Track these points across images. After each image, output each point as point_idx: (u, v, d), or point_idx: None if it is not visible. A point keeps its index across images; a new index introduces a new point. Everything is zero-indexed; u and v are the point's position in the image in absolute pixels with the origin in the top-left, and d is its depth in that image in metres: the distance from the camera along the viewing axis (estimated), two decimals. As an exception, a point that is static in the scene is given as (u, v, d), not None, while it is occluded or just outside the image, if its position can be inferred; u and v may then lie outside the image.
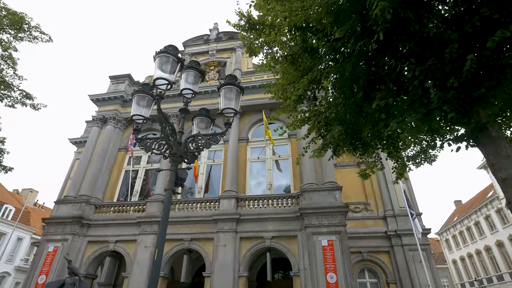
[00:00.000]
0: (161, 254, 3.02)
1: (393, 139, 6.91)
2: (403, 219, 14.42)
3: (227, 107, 3.91)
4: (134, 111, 3.82)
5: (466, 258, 33.77)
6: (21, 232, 26.67)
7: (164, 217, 3.25)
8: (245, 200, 12.23)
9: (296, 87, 5.05)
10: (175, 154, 3.55)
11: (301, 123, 6.98)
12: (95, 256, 12.05)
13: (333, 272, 9.75)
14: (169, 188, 3.38)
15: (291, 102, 5.93)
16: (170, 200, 3.40)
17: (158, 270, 2.99)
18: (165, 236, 3.19)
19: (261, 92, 15.07)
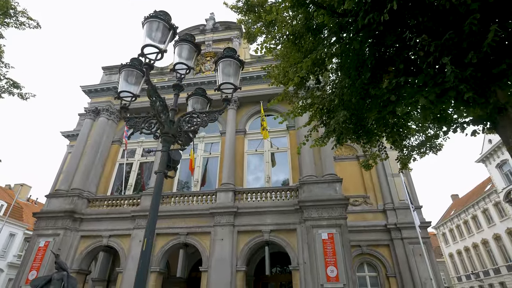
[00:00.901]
0: (150, 244, 2.68)
1: (399, 127, 6.61)
2: (403, 212, 14.22)
3: (226, 82, 3.53)
4: (121, 88, 3.43)
5: (463, 252, 33.93)
6: (13, 227, 26.16)
7: (154, 203, 2.90)
8: (243, 193, 11.91)
9: (299, 67, 4.68)
10: (167, 133, 3.18)
11: (302, 110, 6.62)
12: (88, 251, 11.68)
13: (334, 265, 9.49)
14: (160, 171, 3.02)
15: (293, 86, 5.55)
16: (161, 184, 3.05)
17: (147, 262, 2.66)
18: (155, 224, 2.85)
19: (259, 83, 14.73)
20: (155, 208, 2.91)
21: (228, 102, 3.52)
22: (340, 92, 4.96)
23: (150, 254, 2.65)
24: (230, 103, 14.36)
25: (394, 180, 15.28)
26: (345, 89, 4.85)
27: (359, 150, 17.11)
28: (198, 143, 14.48)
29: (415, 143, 7.65)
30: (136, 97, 3.41)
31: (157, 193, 3.01)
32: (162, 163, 3.07)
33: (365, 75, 4.60)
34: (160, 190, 3.02)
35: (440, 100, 4.25)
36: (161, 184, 3.07)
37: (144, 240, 2.70)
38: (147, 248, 2.66)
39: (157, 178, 3.08)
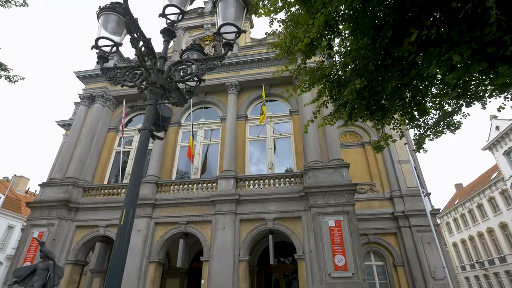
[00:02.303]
0: (129, 218, 2.14)
1: (416, 102, 6.01)
2: (410, 199, 13.72)
3: (227, 23, 2.91)
4: (99, 34, 2.83)
5: (467, 241, 33.58)
6: (12, 220, 25.83)
7: (137, 167, 2.34)
8: (245, 180, 11.37)
9: (310, 26, 4.06)
10: (154, 83, 2.59)
11: (310, 85, 6.00)
12: (84, 242, 11.23)
13: (342, 254, 9.01)
14: (145, 128, 2.45)
15: (301, 54, 4.92)
16: (146, 144, 2.48)
17: (126, 239, 2.11)
18: (137, 193, 2.30)
19: (261, 66, 14.08)
20: (137, 172, 2.35)
21: (230, 48, 2.91)
22: (356, 54, 4.33)
23: (130, 230, 2.12)
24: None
25: (401, 166, 14.74)
26: (362, 50, 4.23)
27: (364, 136, 16.55)
28: (198, 129, 13.90)
29: (431, 121, 7.06)
30: (118, 46, 2.81)
31: (141, 153, 2.45)
32: (148, 119, 2.50)
33: (387, 32, 3.98)
34: (145, 151, 2.46)
35: (475, 59, 3.64)
36: (146, 144, 2.50)
37: (123, 211, 2.16)
38: (126, 222, 2.11)
39: (141, 136, 2.51)
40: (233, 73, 14.15)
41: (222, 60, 2.96)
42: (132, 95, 14.69)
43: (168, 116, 2.68)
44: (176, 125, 14.01)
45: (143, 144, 2.47)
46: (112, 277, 1.93)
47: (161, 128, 2.65)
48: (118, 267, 1.99)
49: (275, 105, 13.98)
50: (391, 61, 4.71)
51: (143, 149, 2.46)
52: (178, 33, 16.88)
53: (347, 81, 5.65)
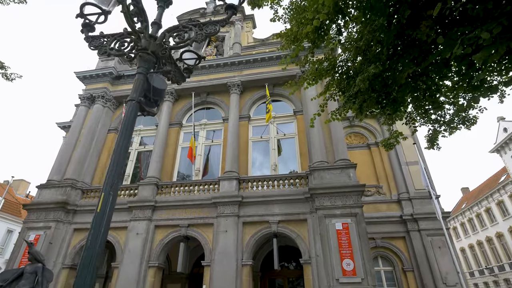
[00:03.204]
0: (108, 204, 1.78)
1: (431, 94, 5.64)
2: (419, 202, 13.26)
3: None
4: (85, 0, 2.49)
5: (476, 246, 32.76)
6: (11, 224, 25.52)
7: (121, 142, 2.00)
8: (248, 182, 10.99)
9: (320, 5, 3.72)
10: (145, 49, 2.25)
11: (318, 76, 5.66)
12: (81, 245, 10.85)
13: (350, 258, 8.57)
14: (133, 99, 2.12)
15: (308, 42, 4.57)
16: (133, 117, 2.14)
17: (103, 231, 1.76)
18: (119, 173, 1.95)
19: (263, 66, 13.80)
20: (121, 149, 1.99)
21: (234, 11, 2.57)
22: (370, 37, 3.99)
23: (108, 219, 1.77)
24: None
25: (408, 168, 14.30)
26: (377, 32, 3.88)
27: (369, 138, 16.17)
28: (200, 130, 13.58)
29: (445, 117, 6.68)
30: (106, 15, 2.47)
31: (126, 127, 2.10)
32: (136, 89, 2.16)
33: (404, 13, 3.63)
34: (131, 125, 2.12)
35: (505, 37, 3.28)
36: (132, 117, 2.15)
37: (101, 195, 1.80)
38: (104, 209, 1.76)
39: (128, 108, 2.17)
40: (235, 73, 13.87)
41: (224, 25, 2.63)
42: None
43: (162, 88, 2.34)
44: (178, 125, 13.71)
45: (129, 117, 2.12)
46: (82, 277, 1.57)
47: (153, 103, 2.31)
48: (90, 265, 1.63)
49: (278, 105, 13.65)
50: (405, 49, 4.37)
51: (128, 123, 2.12)
52: (180, 33, 16.68)
53: (356, 72, 5.32)
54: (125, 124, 2.08)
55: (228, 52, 15.26)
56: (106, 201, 1.78)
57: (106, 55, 2.50)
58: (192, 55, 2.61)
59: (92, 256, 1.66)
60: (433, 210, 12.74)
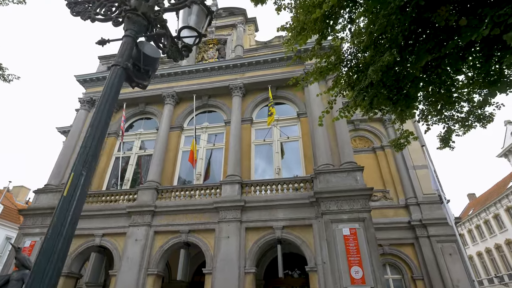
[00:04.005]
0: (79, 186, 1.45)
1: (446, 88, 5.31)
2: (428, 207, 12.83)
3: None
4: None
5: (484, 254, 31.91)
6: (10, 231, 25.13)
7: (100, 113, 1.67)
8: (251, 186, 10.62)
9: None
10: (134, 10, 1.95)
11: (325, 71, 5.36)
12: (79, 252, 10.47)
13: (358, 265, 8.13)
14: (117, 63, 1.80)
15: (319, 19, 4.24)
16: (118, 83, 1.81)
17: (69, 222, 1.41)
18: (94, 150, 1.62)
19: (266, 68, 13.57)
20: (102, 117, 1.66)
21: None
22: (384, 21, 3.68)
23: (78, 206, 1.43)
24: (235, 91, 13.21)
25: (416, 172, 13.90)
26: (393, 16, 3.57)
27: (375, 141, 15.82)
28: (201, 133, 13.29)
29: (460, 115, 6.34)
30: None
31: (108, 96, 1.77)
32: (123, 54, 1.83)
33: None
34: (114, 93, 1.79)
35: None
36: (117, 84, 1.81)
37: (70, 175, 1.47)
38: (73, 191, 1.42)
39: (111, 73, 1.84)
40: (237, 75, 13.63)
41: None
42: (133, 99, 14.21)
43: (154, 56, 2.02)
44: (179, 129, 13.42)
45: (112, 84, 1.80)
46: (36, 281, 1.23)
47: (144, 74, 1.99)
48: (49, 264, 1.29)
49: (282, 108, 13.37)
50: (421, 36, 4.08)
51: (111, 90, 1.79)
52: (182, 37, 16.54)
53: (366, 65, 5.01)
54: (106, 90, 1.76)
55: (230, 54, 15.06)
56: (77, 183, 1.44)
57: (91, 21, 2.19)
58: (191, 32, 2.32)
59: (52, 251, 1.32)
60: (442, 215, 12.29)
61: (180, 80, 14.19)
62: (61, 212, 1.42)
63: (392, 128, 15.36)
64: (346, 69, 5.32)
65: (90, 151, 1.57)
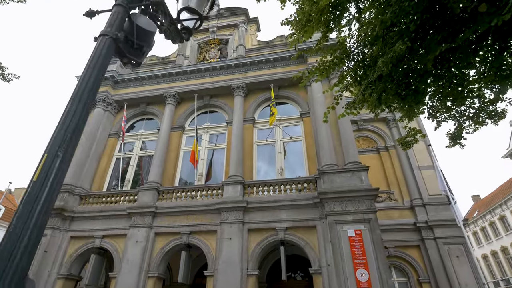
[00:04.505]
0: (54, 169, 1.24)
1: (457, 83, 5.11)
2: (434, 208, 12.58)
3: None
4: None
5: (490, 256, 31.44)
6: (11, 232, 24.93)
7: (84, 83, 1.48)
8: (253, 186, 10.43)
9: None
10: None
11: (331, 66, 5.17)
12: (78, 254, 10.29)
13: (364, 268, 7.90)
14: (106, 33, 1.61)
15: (325, 9, 4.06)
16: (106, 54, 1.61)
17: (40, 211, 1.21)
18: (74, 126, 1.41)
19: (268, 67, 13.41)
20: (86, 88, 1.46)
21: None
22: (396, 9, 3.49)
23: (51, 192, 1.23)
24: (237, 90, 13.04)
25: (421, 173, 13.65)
26: (406, 2, 3.39)
27: (379, 142, 15.59)
28: (203, 134, 13.12)
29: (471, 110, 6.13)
30: None
31: (96, 63, 1.57)
32: (112, 23, 1.65)
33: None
34: (103, 61, 1.59)
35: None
36: (105, 55, 1.62)
37: (43, 156, 1.27)
38: (46, 175, 1.21)
39: (98, 43, 1.64)
40: (239, 75, 13.48)
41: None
42: (134, 99, 14.09)
43: (149, 30, 1.84)
44: (180, 129, 13.27)
45: (99, 54, 1.61)
46: None
47: (138, 50, 1.80)
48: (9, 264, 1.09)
49: (284, 108, 13.20)
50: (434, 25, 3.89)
51: (96, 62, 1.60)
52: (183, 37, 16.42)
53: (374, 60, 4.83)
54: (91, 61, 1.56)
55: (232, 54, 14.93)
56: (50, 166, 1.23)
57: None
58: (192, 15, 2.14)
59: (14, 248, 1.11)
60: (449, 216, 12.05)
61: (181, 80, 14.06)
62: (28, 200, 1.21)
63: (396, 128, 15.15)
64: (353, 64, 5.13)
65: (69, 129, 1.36)
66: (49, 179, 1.24)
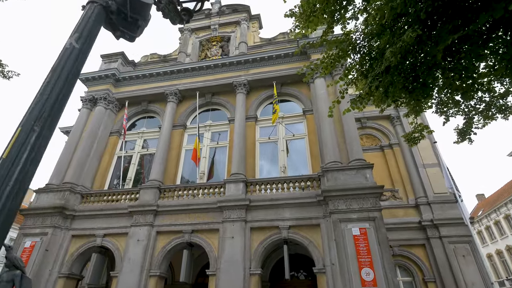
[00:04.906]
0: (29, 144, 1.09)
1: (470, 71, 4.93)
2: (439, 207, 12.38)
3: None
4: None
5: (495, 256, 31.13)
6: (15, 232, 25.09)
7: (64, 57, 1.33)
8: (256, 184, 10.29)
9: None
10: None
11: (337, 59, 5.02)
12: (79, 253, 10.20)
13: (369, 267, 7.75)
14: (94, 0, 1.47)
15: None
16: (94, 22, 1.47)
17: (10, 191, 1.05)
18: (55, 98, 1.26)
19: (271, 64, 13.26)
20: (66, 64, 1.32)
21: None
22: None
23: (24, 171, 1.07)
24: (239, 87, 12.90)
25: (426, 171, 13.45)
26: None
27: (382, 139, 15.40)
28: (204, 132, 12.99)
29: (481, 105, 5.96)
30: None
31: (83, 31, 1.43)
32: None
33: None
34: (90, 29, 1.44)
35: None
36: (93, 23, 1.47)
37: (17, 129, 1.12)
38: (18, 150, 1.05)
39: (86, 10, 1.50)
40: (241, 72, 13.33)
41: None
42: (136, 97, 13.98)
43: (145, 2, 1.69)
44: (181, 127, 13.15)
45: (85, 23, 1.46)
46: None
47: (132, 24, 1.66)
48: None
49: (287, 105, 13.03)
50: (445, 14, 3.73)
51: (83, 30, 1.45)
52: (185, 34, 16.31)
53: (381, 52, 4.67)
54: (77, 29, 1.41)
55: (234, 52, 14.79)
56: (24, 142, 1.07)
57: None
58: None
59: None
60: (455, 215, 11.87)
61: (183, 77, 13.93)
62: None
63: (400, 126, 14.94)
64: (359, 56, 4.98)
65: (48, 102, 1.21)
66: (22, 157, 1.08)
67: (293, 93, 12.92)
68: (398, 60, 3.80)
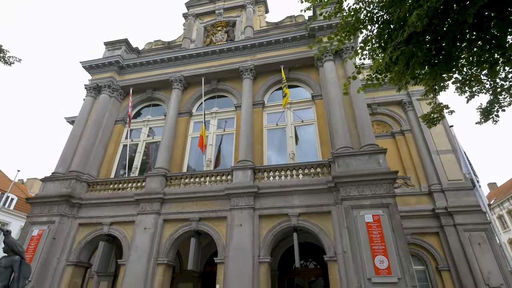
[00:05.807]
0: None
1: (499, 42, 4.49)
2: (453, 194, 11.98)
3: None
4: None
5: (507, 245, 30.61)
6: (22, 221, 25.47)
7: None
8: (264, 171, 10.02)
9: None
10: None
11: (352, 30, 4.62)
12: (87, 241, 10.14)
13: (383, 255, 7.46)
14: None
15: None
16: None
17: None
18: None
19: (277, 48, 12.83)
20: None
21: None
22: None
23: None
24: (245, 73, 12.51)
25: (439, 157, 12.99)
26: None
27: (393, 126, 14.93)
28: (211, 119, 12.70)
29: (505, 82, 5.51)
30: None
31: None
32: None
33: None
34: None
35: None
36: None
37: None
38: None
39: None
40: (248, 57, 12.92)
41: None
42: (140, 84, 13.71)
43: None
44: (187, 115, 12.87)
45: None
46: None
47: None
48: None
49: (295, 91, 12.61)
50: None
51: None
52: (189, 20, 15.87)
53: (401, 21, 4.26)
54: None
55: (240, 37, 14.34)
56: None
57: None
58: None
59: None
60: (470, 202, 11.48)
61: (188, 64, 13.58)
62: None
63: (412, 112, 14.41)
64: (376, 27, 4.57)
65: None
66: None
67: (301, 78, 12.49)
68: (424, 24, 3.40)
